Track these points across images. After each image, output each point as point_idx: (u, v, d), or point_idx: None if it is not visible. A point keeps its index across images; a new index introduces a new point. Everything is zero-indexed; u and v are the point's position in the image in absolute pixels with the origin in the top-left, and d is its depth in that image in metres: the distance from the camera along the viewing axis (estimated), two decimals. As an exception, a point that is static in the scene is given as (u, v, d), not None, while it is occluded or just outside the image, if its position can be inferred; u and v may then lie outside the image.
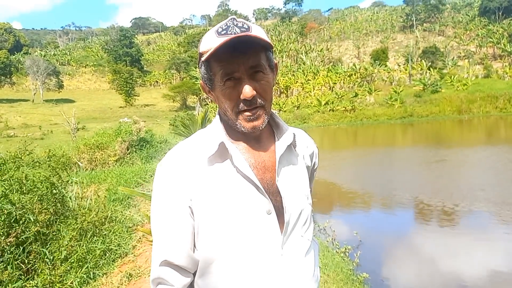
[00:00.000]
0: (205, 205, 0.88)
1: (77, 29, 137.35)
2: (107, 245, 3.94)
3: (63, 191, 4.27)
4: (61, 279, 3.18)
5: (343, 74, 43.83)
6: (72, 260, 3.40)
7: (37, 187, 3.83)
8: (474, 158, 11.85)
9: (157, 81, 68.16)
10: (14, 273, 2.97)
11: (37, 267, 3.18)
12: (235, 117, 0.91)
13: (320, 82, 42.93)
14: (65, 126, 20.19)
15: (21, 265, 3.12)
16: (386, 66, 47.06)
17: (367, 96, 34.43)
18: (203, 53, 0.89)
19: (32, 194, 3.65)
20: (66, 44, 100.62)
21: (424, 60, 43.96)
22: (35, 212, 3.50)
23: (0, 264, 2.95)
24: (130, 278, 3.50)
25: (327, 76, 43.92)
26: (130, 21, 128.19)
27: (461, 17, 73.78)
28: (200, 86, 1.02)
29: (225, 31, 0.86)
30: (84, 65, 74.01)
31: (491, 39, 52.72)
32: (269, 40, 0.89)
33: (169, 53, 78.58)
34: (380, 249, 5.31)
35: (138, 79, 58.18)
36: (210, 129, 0.97)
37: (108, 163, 9.94)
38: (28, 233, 3.26)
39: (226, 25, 0.87)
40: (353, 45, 69.53)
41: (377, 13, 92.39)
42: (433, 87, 34.11)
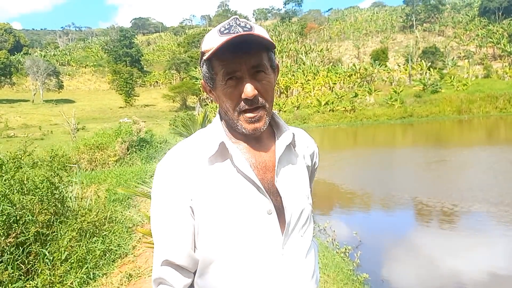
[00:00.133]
0: (206, 205, 0.88)
1: (77, 29, 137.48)
2: (107, 245, 3.94)
3: (63, 191, 4.27)
4: (61, 279, 3.18)
5: (343, 74, 43.88)
6: (72, 261, 3.40)
7: (38, 187, 3.83)
8: (473, 158, 11.85)
9: (157, 82, 68.19)
10: (14, 274, 2.97)
11: (37, 267, 3.18)
12: (236, 117, 0.90)
13: (320, 82, 42.97)
14: (65, 127, 20.21)
15: (21, 265, 3.12)
16: (386, 66, 47.10)
17: (367, 96, 34.47)
18: (205, 52, 0.89)
19: (33, 195, 3.65)
20: (66, 45, 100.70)
21: (424, 60, 44.01)
22: (35, 212, 3.50)
23: (0, 265, 2.95)
24: (130, 279, 3.50)
25: (327, 76, 43.97)
26: (130, 22, 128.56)
27: (461, 17, 73.84)
28: (201, 86, 1.01)
29: (227, 30, 0.85)
30: (84, 65, 74.09)
31: (491, 39, 52.77)
32: (271, 40, 0.89)
33: (169, 53, 78.56)
34: (380, 250, 5.31)
35: (138, 80, 58.31)
36: (210, 129, 0.97)
37: (108, 163, 9.95)
38: (28, 234, 3.25)
39: (228, 24, 0.87)
40: (353, 45, 69.56)
41: (377, 13, 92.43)
42: (433, 87, 34.16)
